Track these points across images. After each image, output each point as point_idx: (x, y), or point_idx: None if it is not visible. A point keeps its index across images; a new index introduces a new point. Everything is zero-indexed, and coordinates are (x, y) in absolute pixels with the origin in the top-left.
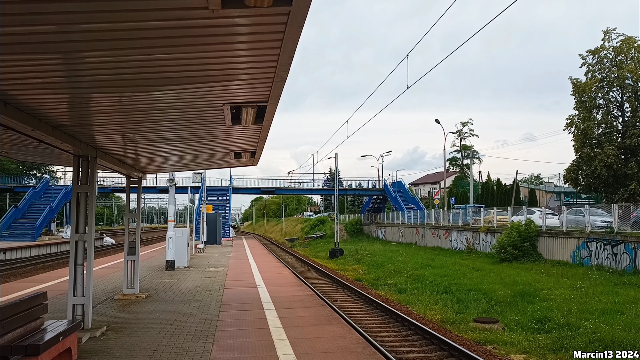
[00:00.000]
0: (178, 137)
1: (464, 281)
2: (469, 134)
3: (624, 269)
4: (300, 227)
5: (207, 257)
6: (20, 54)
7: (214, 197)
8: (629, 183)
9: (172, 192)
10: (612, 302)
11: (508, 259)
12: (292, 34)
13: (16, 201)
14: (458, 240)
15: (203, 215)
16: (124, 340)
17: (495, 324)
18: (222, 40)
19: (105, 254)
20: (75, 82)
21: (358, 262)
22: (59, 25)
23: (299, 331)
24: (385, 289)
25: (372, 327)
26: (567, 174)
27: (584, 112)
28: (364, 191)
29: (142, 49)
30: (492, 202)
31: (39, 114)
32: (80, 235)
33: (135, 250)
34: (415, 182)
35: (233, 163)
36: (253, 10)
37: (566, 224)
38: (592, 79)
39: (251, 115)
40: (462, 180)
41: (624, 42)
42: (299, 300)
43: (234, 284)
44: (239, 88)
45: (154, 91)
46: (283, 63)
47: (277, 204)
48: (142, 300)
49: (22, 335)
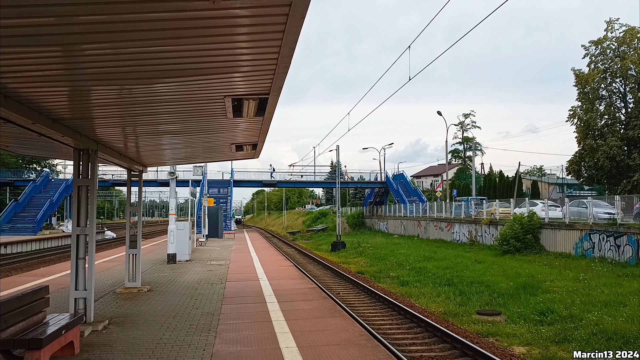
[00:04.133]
0: (179, 130)
1: (467, 273)
2: (472, 125)
3: (627, 260)
4: (302, 220)
5: (209, 251)
6: (20, 46)
7: (215, 190)
8: (631, 175)
9: (173, 185)
10: (614, 293)
11: (510, 251)
12: (293, 26)
13: (16, 195)
14: (460, 233)
15: (204, 209)
16: (126, 334)
17: (497, 316)
18: (223, 32)
19: (106, 247)
20: (75, 75)
21: (360, 254)
22: (59, 17)
23: (301, 324)
24: (387, 281)
25: (374, 319)
26: (570, 166)
27: (587, 104)
28: (366, 184)
29: (142, 40)
30: (494, 194)
31: (39, 107)
32: (82, 229)
33: (137, 244)
34: (418, 175)
35: (234, 156)
36: (254, 2)
37: (569, 215)
38: (595, 70)
39: (252, 107)
40: (464, 172)
41: (627, 33)
42: (301, 293)
43: (236, 277)
44: (240, 80)
45: (154, 84)
46: (284, 55)
47: (279, 197)
48: (144, 293)
49: (24, 329)
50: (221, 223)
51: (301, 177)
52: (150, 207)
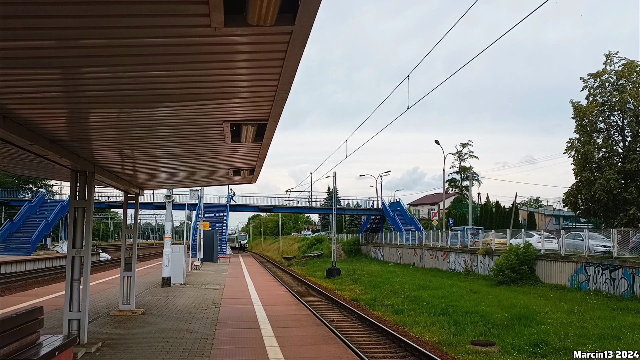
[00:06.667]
0: (177, 154)
1: (462, 303)
2: (469, 155)
3: (622, 294)
4: (297, 246)
5: (204, 275)
6: (20, 68)
7: (211, 214)
8: (628, 208)
9: (169, 208)
10: (609, 327)
11: (506, 281)
12: (294, 54)
13: (12, 215)
14: (456, 262)
15: (200, 232)
16: (120, 356)
17: (491, 347)
18: (223, 58)
19: (101, 269)
20: (74, 98)
21: (355, 282)
22: (59, 41)
23: (295, 350)
24: (382, 309)
25: (368, 347)
26: (567, 198)
27: (585, 136)
28: (362, 211)
29: (142, 65)
30: (490, 225)
31: (37, 128)
32: (77, 250)
33: (132, 266)
34: (414, 203)
35: (231, 180)
36: (255, 29)
37: (565, 247)
38: (594, 102)
39: (251, 133)
40: (461, 201)
41: (626, 66)
42: (296, 319)
43: (230, 301)
44: (239, 106)
45: (153, 108)
46: (284, 82)
47: (275, 221)
48: (137, 316)
49: (17, 350)
50: (216, 247)
51: (297, 202)
52: (145, 229)
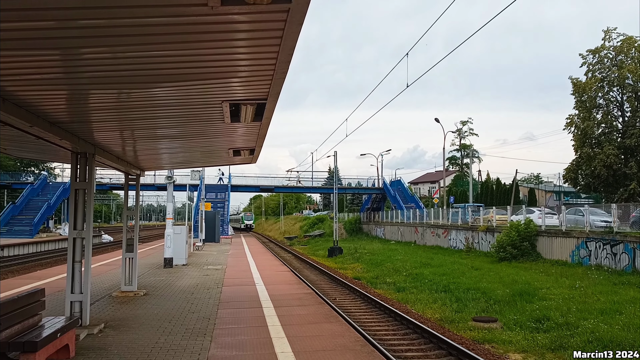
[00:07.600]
0: (176, 134)
1: (463, 280)
2: (469, 133)
3: (623, 268)
4: (299, 226)
5: (206, 255)
6: (19, 49)
7: (213, 195)
8: (628, 183)
9: (170, 189)
10: (611, 301)
11: (507, 258)
12: (291, 31)
13: (14, 198)
14: (457, 239)
15: (201, 213)
16: (122, 338)
17: (494, 323)
18: (221, 37)
19: (103, 251)
20: (73, 79)
21: (357, 260)
22: (58, 21)
23: (297, 329)
24: (384, 287)
25: (370, 325)
26: (567, 174)
27: (584, 112)
28: (364, 190)
29: (141, 45)
30: (491, 202)
31: (37, 110)
32: (78, 232)
33: (134, 248)
34: (415, 181)
35: (232, 160)
36: (252, 7)
37: (565, 223)
38: (592, 78)
39: (250, 112)
40: (461, 179)
41: (625, 42)
42: (298, 298)
43: (232, 281)
44: (238, 85)
45: (152, 88)
46: (282, 60)
47: (276, 202)
48: (140, 297)
49: (19, 332)
50: (218, 228)
51: (299, 182)
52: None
